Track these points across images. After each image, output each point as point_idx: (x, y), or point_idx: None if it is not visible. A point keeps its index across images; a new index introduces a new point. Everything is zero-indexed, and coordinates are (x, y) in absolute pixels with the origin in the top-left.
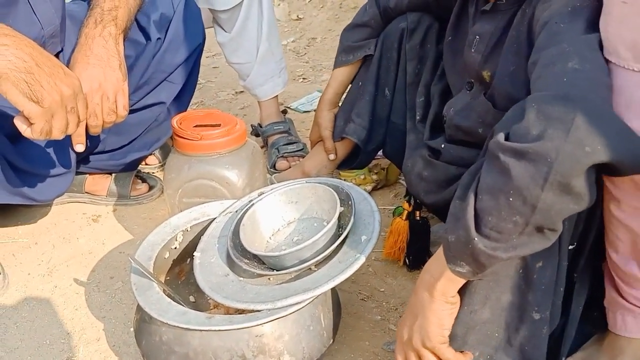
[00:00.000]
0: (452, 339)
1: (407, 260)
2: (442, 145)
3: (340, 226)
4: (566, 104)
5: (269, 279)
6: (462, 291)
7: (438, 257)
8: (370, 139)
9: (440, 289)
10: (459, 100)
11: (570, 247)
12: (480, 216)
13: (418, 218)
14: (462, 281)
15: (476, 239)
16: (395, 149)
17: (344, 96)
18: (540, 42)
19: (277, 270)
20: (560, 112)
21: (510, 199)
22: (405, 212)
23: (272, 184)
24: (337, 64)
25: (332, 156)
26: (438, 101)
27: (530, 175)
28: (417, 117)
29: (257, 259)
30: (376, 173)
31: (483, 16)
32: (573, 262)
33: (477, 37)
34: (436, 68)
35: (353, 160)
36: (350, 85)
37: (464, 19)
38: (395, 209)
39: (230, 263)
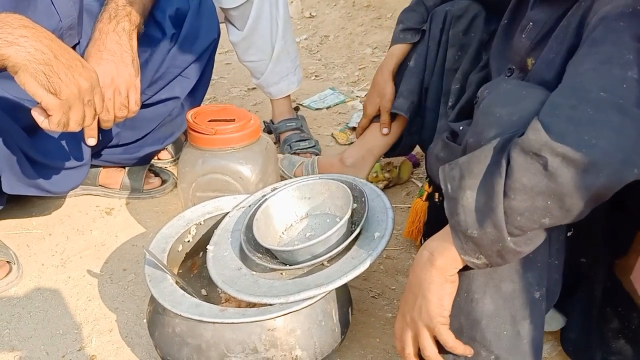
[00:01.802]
0: (459, 334)
1: (422, 241)
2: (461, 128)
3: (353, 222)
4: (624, 118)
5: (281, 273)
6: (458, 273)
7: (442, 237)
8: (414, 120)
9: (440, 267)
10: (495, 84)
11: (569, 233)
12: (508, 214)
13: (437, 200)
14: (464, 262)
15: (509, 238)
16: (429, 135)
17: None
18: (597, 35)
19: (289, 265)
20: (619, 125)
21: (548, 202)
22: (426, 193)
23: (307, 170)
24: (398, 41)
25: (385, 130)
26: (474, 88)
27: (576, 183)
28: (450, 103)
29: (269, 253)
30: (389, 171)
31: (541, 4)
32: (575, 248)
33: (531, 23)
34: (477, 57)
35: (396, 146)
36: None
37: (524, 4)
38: (419, 189)
39: (243, 257)
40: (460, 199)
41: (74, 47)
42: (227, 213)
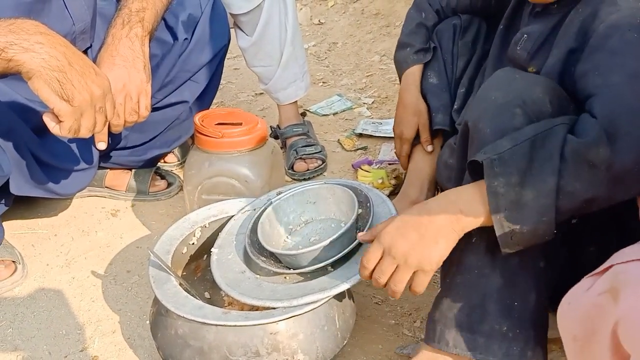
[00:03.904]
0: (472, 310)
1: None
2: None
3: (358, 228)
4: None
5: (285, 277)
6: (465, 252)
7: (474, 198)
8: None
9: (465, 226)
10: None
11: (573, 220)
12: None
13: None
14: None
15: (555, 231)
16: None
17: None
18: (614, 46)
19: (293, 269)
20: None
21: (584, 205)
22: None
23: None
24: (414, 62)
25: (430, 147)
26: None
27: (613, 195)
28: (455, 106)
29: (273, 257)
30: (395, 177)
31: (536, 18)
32: (584, 236)
33: (525, 35)
34: (482, 63)
35: None
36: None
37: (519, 14)
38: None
39: (247, 260)
40: (511, 196)
41: (85, 51)
42: (232, 216)
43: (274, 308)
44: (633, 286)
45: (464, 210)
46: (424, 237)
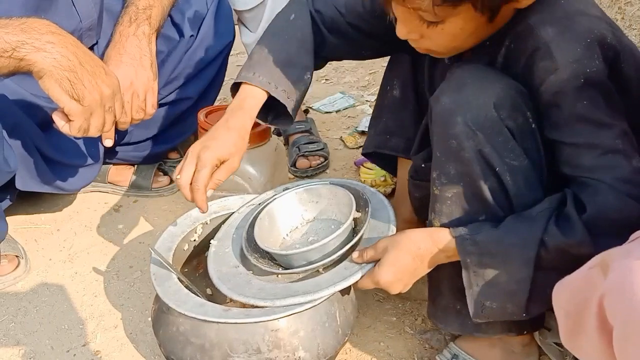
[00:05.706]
0: (432, 287)
1: None
2: (422, 165)
3: (356, 232)
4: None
5: (277, 275)
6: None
7: (451, 248)
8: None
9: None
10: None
11: None
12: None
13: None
14: None
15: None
16: None
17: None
18: (570, 120)
19: (285, 269)
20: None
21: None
22: None
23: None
24: (261, 85)
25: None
26: None
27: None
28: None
29: (269, 254)
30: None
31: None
32: None
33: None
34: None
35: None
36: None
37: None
38: None
39: (243, 255)
40: (482, 274)
41: (92, 48)
42: (235, 211)
43: (257, 307)
44: (621, 259)
45: (448, 258)
46: (415, 278)
